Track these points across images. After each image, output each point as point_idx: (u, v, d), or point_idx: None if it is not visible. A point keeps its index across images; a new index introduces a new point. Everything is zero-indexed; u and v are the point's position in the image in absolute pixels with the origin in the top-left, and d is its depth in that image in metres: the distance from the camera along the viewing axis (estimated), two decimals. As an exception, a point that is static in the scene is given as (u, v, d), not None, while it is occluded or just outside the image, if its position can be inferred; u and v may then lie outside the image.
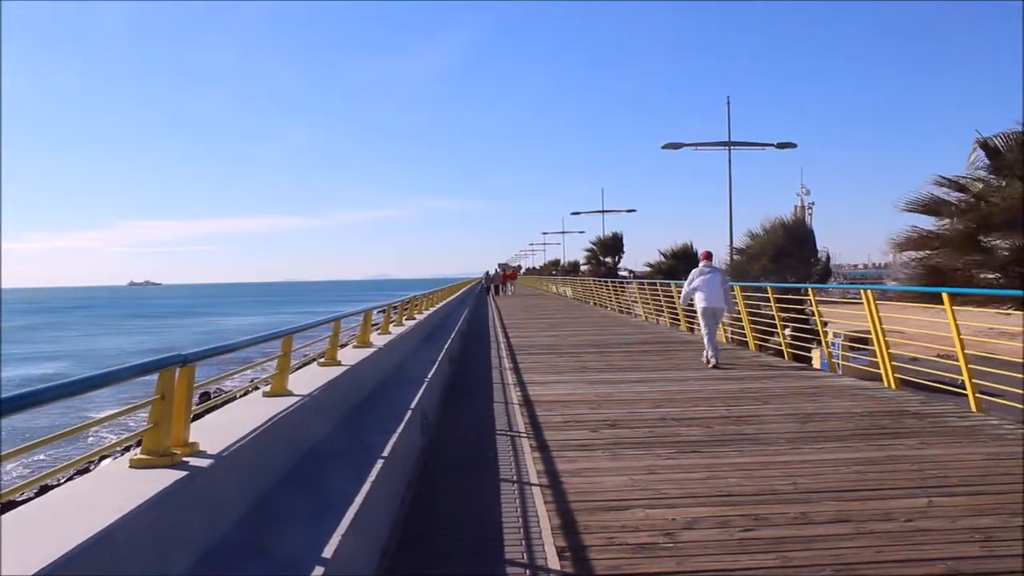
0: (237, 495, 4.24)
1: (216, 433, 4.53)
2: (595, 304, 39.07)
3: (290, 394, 6.12)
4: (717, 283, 14.28)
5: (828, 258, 27.39)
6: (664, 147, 31.99)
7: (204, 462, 3.99)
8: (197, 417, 5.39)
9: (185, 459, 3.95)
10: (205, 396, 14.61)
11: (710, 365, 13.97)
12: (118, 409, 4.27)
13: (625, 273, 56.48)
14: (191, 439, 4.16)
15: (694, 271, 14.69)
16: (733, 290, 15.96)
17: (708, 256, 14.99)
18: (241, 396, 6.70)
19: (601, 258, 61.63)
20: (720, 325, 17.18)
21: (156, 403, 3.90)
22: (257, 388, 6.66)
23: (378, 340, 10.74)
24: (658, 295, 26.07)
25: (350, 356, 8.80)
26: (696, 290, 14.44)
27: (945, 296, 9.82)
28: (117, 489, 3.42)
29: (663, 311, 25.19)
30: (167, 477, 3.63)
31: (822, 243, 27.30)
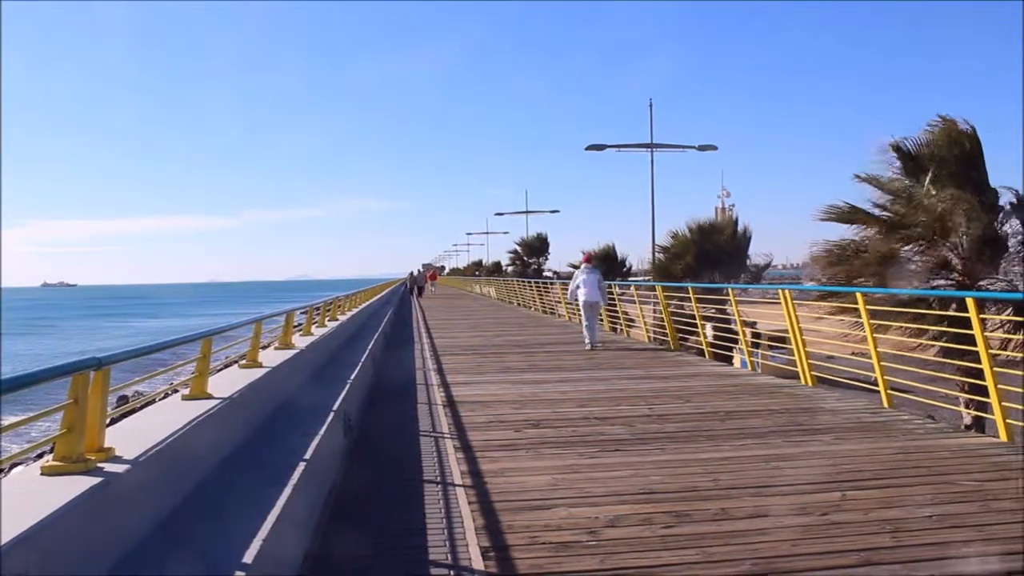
0: (155, 500, 4.16)
1: (133, 438, 4.43)
2: (519, 304, 39.16)
3: (210, 397, 6.01)
4: (595, 282, 17.27)
5: (768, 263, 28.02)
6: (588, 148, 32.31)
7: (120, 468, 3.90)
8: (114, 422, 5.27)
9: (100, 465, 3.85)
10: (123, 400, 14.28)
11: (588, 348, 16.81)
12: (29, 415, 4.14)
13: (550, 274, 56.74)
14: (107, 444, 4.07)
15: (577, 272, 17.88)
16: (610, 288, 19.24)
17: (589, 258, 18.33)
18: (160, 400, 6.56)
19: (526, 259, 61.90)
20: (643, 323, 19.76)
21: (69, 408, 3.80)
22: (176, 391, 6.53)
23: (300, 342, 10.62)
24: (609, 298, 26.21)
25: (272, 358, 8.69)
26: (579, 287, 17.37)
27: (859, 297, 10.09)
28: (28, 497, 3.32)
29: (601, 315, 25.34)
30: (81, 484, 3.54)
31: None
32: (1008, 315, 12.91)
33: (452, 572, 4.73)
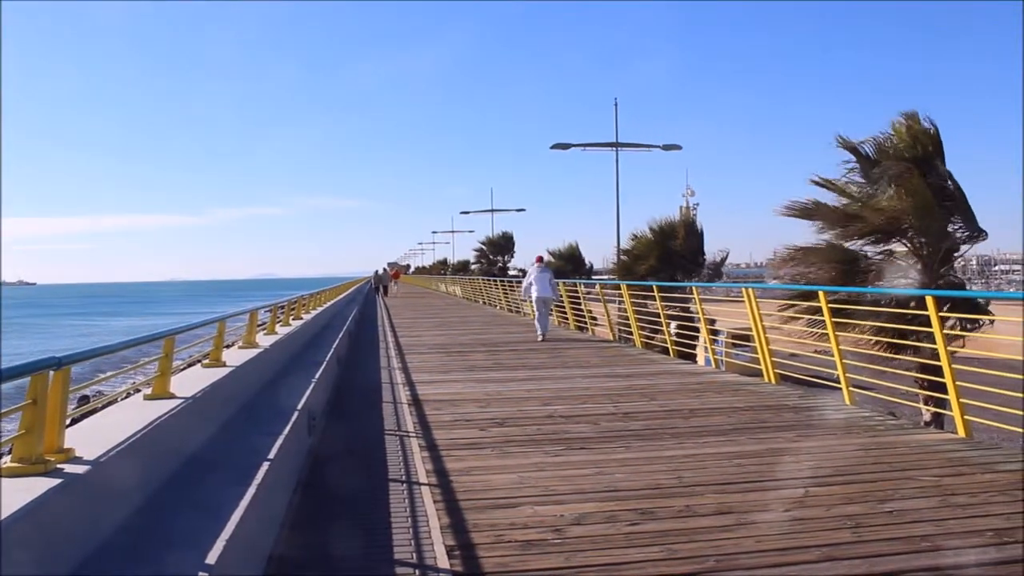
0: (116, 502, 4.11)
1: (94, 438, 4.38)
2: (484, 303, 39.15)
3: (172, 396, 5.95)
4: (547, 279, 19.17)
5: (723, 260, 28.26)
6: (553, 147, 32.32)
7: (80, 469, 3.85)
8: (75, 422, 5.20)
9: (60, 466, 3.80)
10: (84, 400, 14.08)
11: (540, 339, 18.60)
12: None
13: (515, 272, 56.72)
14: (67, 445, 4.01)
15: (530, 270, 19.87)
16: (558, 285, 20.73)
17: (540, 259, 20.06)
18: (122, 399, 6.48)
19: (492, 257, 61.87)
20: (608, 322, 20.12)
21: (28, 408, 3.74)
22: (138, 391, 6.46)
23: (264, 340, 10.55)
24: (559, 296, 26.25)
25: (235, 357, 8.61)
26: (532, 284, 19.22)
27: (822, 296, 10.20)
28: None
29: (552, 310, 25.40)
30: (40, 485, 3.48)
31: (708, 242, 28.11)
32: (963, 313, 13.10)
33: (417, 571, 4.72)
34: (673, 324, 17.04)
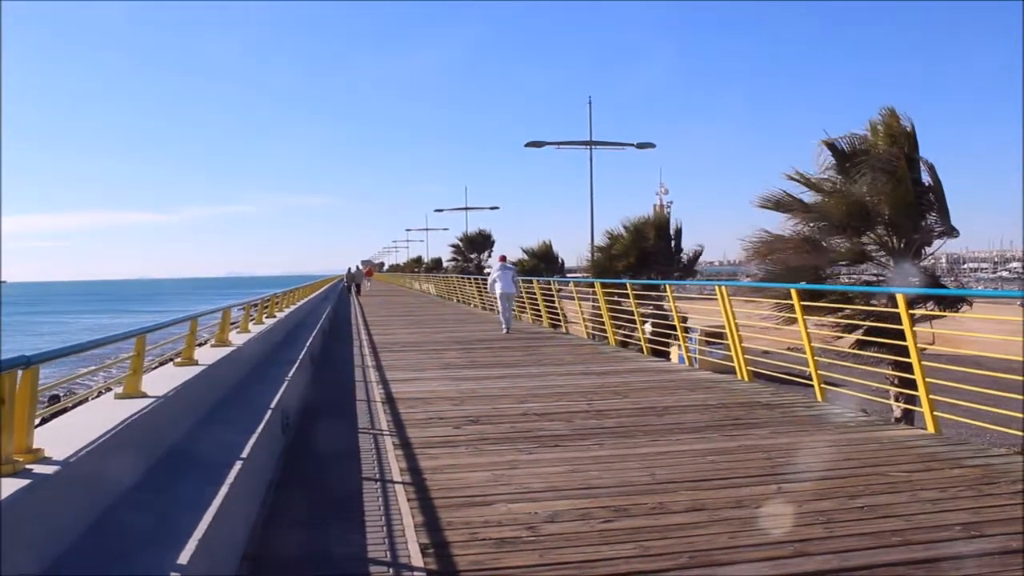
0: (86, 503, 4.06)
1: (64, 438, 4.33)
2: (459, 301, 39.10)
3: (144, 395, 5.90)
4: (509, 277, 20.83)
5: (697, 256, 28.39)
6: (527, 145, 32.32)
7: (50, 469, 3.81)
8: (44, 421, 5.15)
9: (29, 467, 3.75)
10: (55, 399, 13.95)
11: (505, 332, 20.23)
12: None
13: (490, 270, 56.38)
14: (36, 445, 3.97)
15: (494, 267, 21.85)
16: (519, 282, 22.42)
17: (504, 258, 22.03)
18: (93, 399, 6.42)
19: (467, 255, 61.70)
20: (582, 319, 20.42)
21: (-5, 408, 3.69)
22: (110, 390, 6.40)
23: (237, 339, 10.48)
24: (520, 293, 26.27)
25: (208, 355, 8.55)
26: (496, 281, 20.85)
27: (794, 293, 10.28)
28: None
29: (525, 308, 25.44)
30: (8, 486, 3.43)
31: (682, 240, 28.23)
32: (932, 310, 13.23)
33: (391, 570, 4.71)
34: (648, 324, 17.12)
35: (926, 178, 14.49)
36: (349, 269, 56.36)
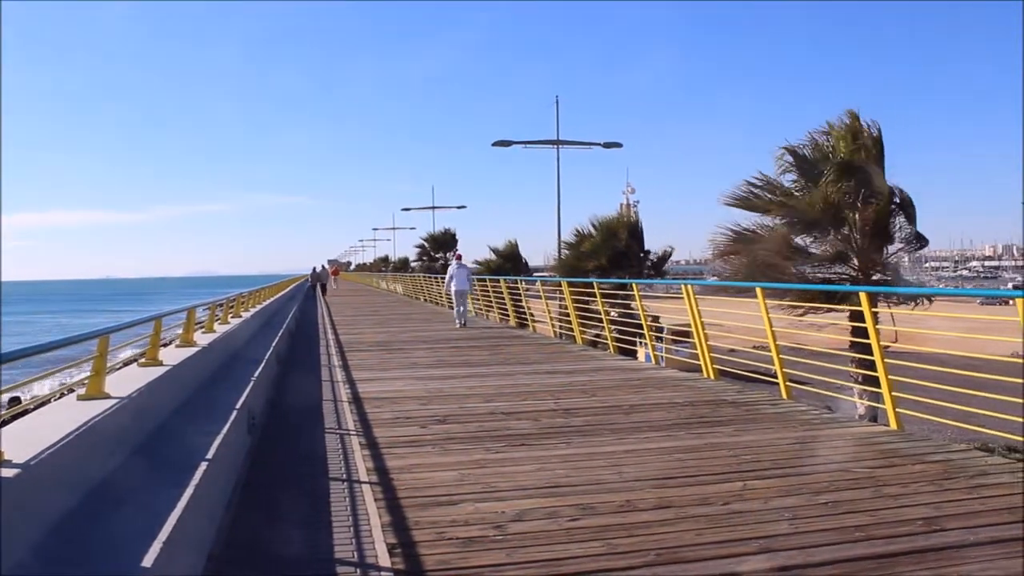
0: (48, 505, 4.01)
1: (24, 440, 4.25)
2: (426, 300, 38.99)
3: (107, 396, 5.82)
4: (464, 275, 22.70)
5: (667, 256, 28.54)
6: (495, 144, 32.39)
7: (10, 472, 3.74)
8: (5, 424, 5.06)
9: (-12, 469, 3.70)
10: (15, 401, 13.75)
11: (458, 326, 21.68)
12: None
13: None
14: (-6, 447, 3.90)
15: (450, 267, 22.96)
16: (474, 280, 24.90)
17: (459, 257, 23.72)
18: (55, 400, 6.33)
19: (434, 254, 61.52)
20: (548, 318, 20.09)
21: (-47, 409, 3.64)
22: (72, 391, 6.31)
23: (202, 339, 10.38)
24: (487, 292, 26.28)
25: (173, 356, 8.46)
26: (452, 278, 22.36)
27: (759, 291, 10.35)
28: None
29: (492, 307, 25.44)
30: (-33, 489, 3.39)
31: (649, 240, 28.35)
32: (898, 308, 13.40)
33: (358, 570, 4.69)
34: (614, 312, 17.18)
35: (894, 183, 14.70)
36: (314, 269, 55.15)
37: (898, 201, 14.70)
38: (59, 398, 6.38)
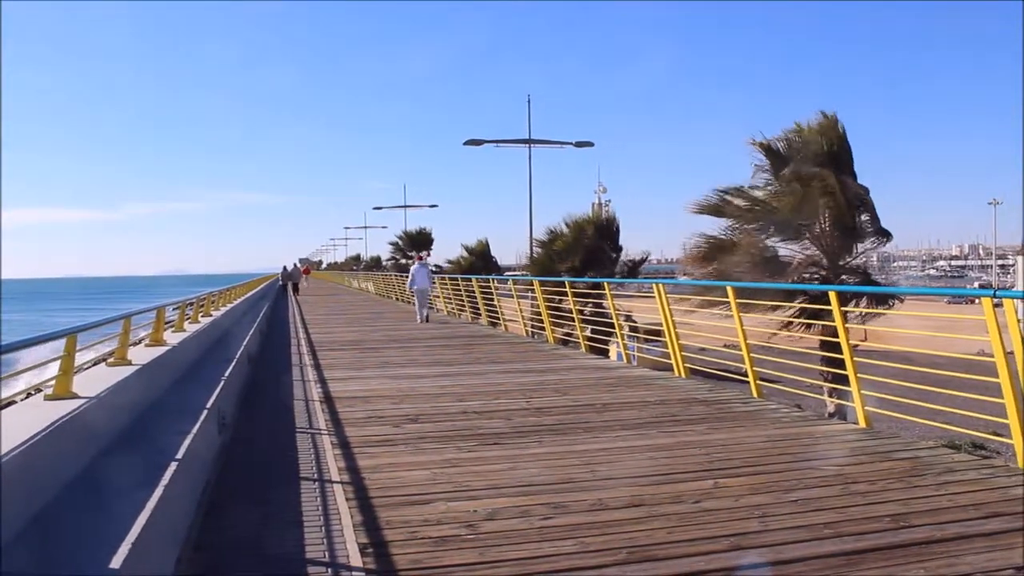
0: (15, 507, 3.96)
1: (-11, 441, 4.21)
2: (398, 299, 38.90)
3: (75, 396, 5.76)
4: (425, 274, 24.17)
5: (643, 260, 28.69)
6: (466, 143, 32.41)
7: (-26, 472, 3.70)
8: (-31, 424, 4.99)
9: (-47, 470, 3.65)
10: (-21, 401, 13.52)
11: (420, 322, 23.09)
12: None
13: (432, 268, 56.11)
14: (-40, 447, 3.85)
15: (413, 267, 24.32)
16: (434, 279, 26.97)
17: (421, 257, 25.94)
18: (21, 400, 6.26)
19: (407, 252, 61.35)
20: (520, 318, 19.43)
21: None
22: (39, 391, 6.24)
23: (172, 338, 10.29)
24: (460, 291, 26.27)
25: (142, 355, 8.39)
26: (413, 278, 23.78)
27: (730, 291, 10.41)
28: None
29: (465, 306, 25.43)
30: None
31: (626, 239, 28.47)
32: (865, 307, 13.54)
33: (330, 570, 4.67)
34: (586, 311, 17.23)
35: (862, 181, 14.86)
36: (285, 267, 54.39)
37: (864, 199, 14.86)
38: (26, 398, 6.31)
